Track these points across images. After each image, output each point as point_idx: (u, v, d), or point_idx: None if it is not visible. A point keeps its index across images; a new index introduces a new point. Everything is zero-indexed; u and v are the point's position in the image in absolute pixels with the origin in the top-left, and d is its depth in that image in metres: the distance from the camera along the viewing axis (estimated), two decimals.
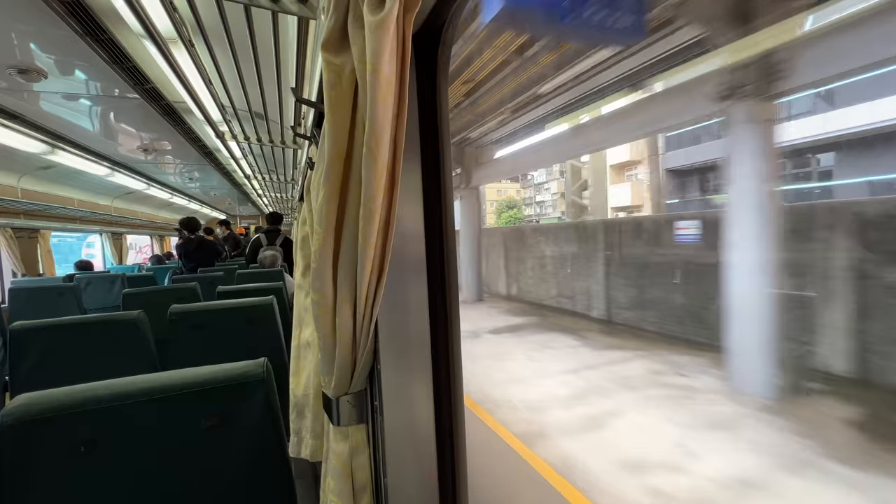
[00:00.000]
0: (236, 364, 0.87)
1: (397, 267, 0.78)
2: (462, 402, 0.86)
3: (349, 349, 0.73)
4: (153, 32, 1.68)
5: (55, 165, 4.30)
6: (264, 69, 1.94)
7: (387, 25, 0.51)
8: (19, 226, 5.21)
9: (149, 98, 2.84)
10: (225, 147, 3.70)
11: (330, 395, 0.81)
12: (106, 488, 0.78)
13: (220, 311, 1.75)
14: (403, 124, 0.61)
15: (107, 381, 0.79)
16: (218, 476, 0.86)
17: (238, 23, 1.52)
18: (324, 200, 0.65)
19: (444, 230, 0.80)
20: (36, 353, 1.42)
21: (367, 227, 0.61)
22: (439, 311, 0.82)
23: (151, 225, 8.88)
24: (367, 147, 0.57)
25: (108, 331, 1.54)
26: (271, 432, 0.89)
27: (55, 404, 0.74)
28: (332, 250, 0.68)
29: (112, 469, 0.78)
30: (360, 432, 0.83)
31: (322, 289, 0.69)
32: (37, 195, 4.91)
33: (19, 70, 2.32)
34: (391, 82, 0.55)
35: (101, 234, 7.73)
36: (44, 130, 3.42)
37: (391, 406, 0.81)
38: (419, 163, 0.79)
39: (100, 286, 4.14)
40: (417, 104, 0.77)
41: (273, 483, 0.91)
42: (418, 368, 0.83)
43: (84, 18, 1.88)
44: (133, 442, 0.79)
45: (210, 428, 0.84)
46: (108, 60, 2.25)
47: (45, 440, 0.73)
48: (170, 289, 2.74)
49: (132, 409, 0.78)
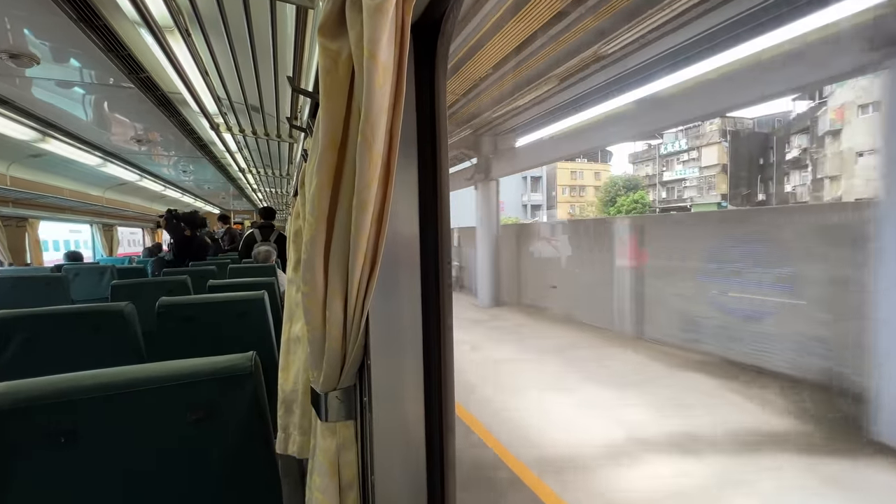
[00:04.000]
0: (223, 357, 0.86)
1: (390, 260, 0.77)
2: (453, 401, 0.85)
3: (339, 343, 0.72)
4: (149, 20, 1.65)
5: (46, 154, 4.22)
6: (261, 60, 1.92)
7: (385, 9, 0.50)
8: (7, 214, 5.13)
9: (143, 88, 2.80)
10: (220, 139, 3.66)
11: (318, 390, 0.80)
12: (86, 481, 0.75)
13: (209, 304, 1.73)
14: (400, 113, 0.59)
15: (89, 371, 0.77)
16: (202, 471, 0.84)
17: (236, 12, 1.50)
18: (316, 189, 0.63)
19: (439, 224, 0.79)
20: (17, 344, 1.39)
21: (359, 217, 0.60)
22: (432, 306, 0.81)
23: (143, 217, 8.77)
24: (363, 135, 0.55)
25: (93, 322, 1.51)
26: (258, 427, 0.87)
27: (34, 394, 0.72)
28: (323, 241, 0.66)
29: (93, 462, 0.76)
30: (347, 429, 0.82)
31: (312, 280, 0.68)
32: (26, 183, 4.83)
33: (11, 55, 2.28)
34: (388, 69, 0.54)
35: (92, 225, 7.63)
36: (35, 117, 3.36)
37: (380, 402, 0.79)
38: (415, 154, 0.78)
39: (89, 277, 4.08)
40: (415, 95, 0.76)
41: (259, 479, 0.89)
42: (409, 365, 0.82)
43: (78, 4, 1.84)
44: (115, 434, 0.77)
45: (195, 421, 0.82)
46: (102, 48, 2.22)
47: (23, 431, 0.71)
48: (160, 281, 2.70)
49: (115, 401, 0.76)
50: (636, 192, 26.06)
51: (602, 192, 28.49)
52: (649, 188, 27.03)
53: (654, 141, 26.08)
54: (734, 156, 22.27)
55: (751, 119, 22.91)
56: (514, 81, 5.72)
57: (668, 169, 25.46)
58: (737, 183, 22.38)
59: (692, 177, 23.95)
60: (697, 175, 23.72)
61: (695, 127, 22.84)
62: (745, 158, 22.22)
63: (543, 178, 32.41)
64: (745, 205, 21.72)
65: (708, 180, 22.94)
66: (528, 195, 31.77)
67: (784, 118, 22.09)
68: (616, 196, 26.52)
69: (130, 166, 5.46)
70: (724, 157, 22.70)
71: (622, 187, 26.97)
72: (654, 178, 26.30)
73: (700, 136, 22.83)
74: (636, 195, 25.61)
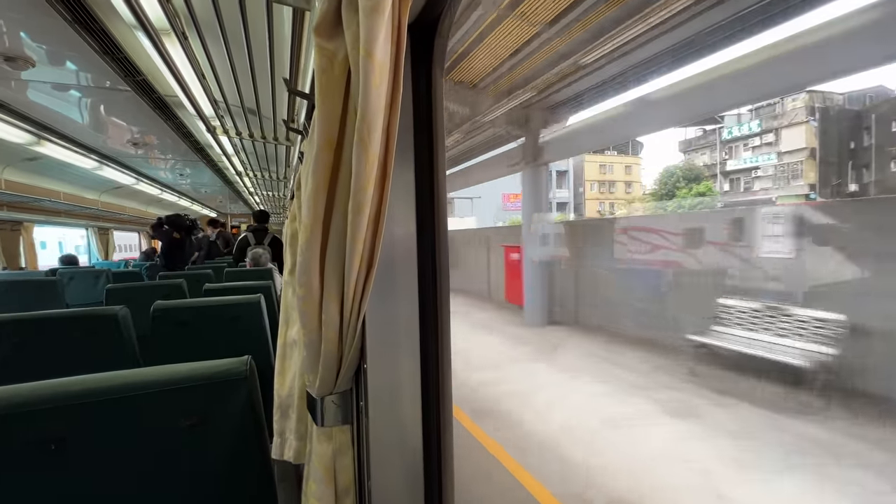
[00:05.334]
0: (218, 361, 0.85)
1: (387, 262, 0.76)
2: (451, 405, 0.84)
3: (335, 347, 0.71)
4: (145, 23, 1.65)
5: (41, 157, 4.21)
6: (258, 63, 1.92)
7: (382, 9, 0.49)
8: (2, 218, 5.09)
9: (140, 91, 2.79)
10: (217, 142, 3.65)
11: (314, 394, 0.79)
12: (76, 489, 0.74)
13: (205, 308, 1.71)
14: (397, 114, 0.59)
15: (80, 376, 0.76)
16: (197, 477, 0.83)
17: (232, 14, 1.50)
18: (312, 191, 0.62)
19: (436, 226, 0.78)
20: (10, 348, 1.37)
21: (356, 219, 0.59)
22: (429, 308, 0.80)
23: (139, 221, 8.74)
24: (359, 135, 0.55)
25: (88, 326, 1.49)
26: (253, 432, 0.86)
27: (22, 399, 0.70)
28: (319, 243, 0.65)
29: (84, 469, 0.74)
30: (344, 433, 0.81)
31: (308, 283, 0.67)
32: (21, 187, 4.80)
33: (6, 58, 2.27)
34: (385, 69, 0.54)
35: (88, 229, 7.59)
36: (30, 120, 3.35)
37: (377, 407, 0.78)
38: (412, 156, 0.77)
39: (84, 281, 4.05)
40: (412, 95, 0.76)
41: (254, 485, 0.88)
42: (406, 368, 0.81)
43: (74, 7, 1.84)
44: (107, 441, 0.76)
45: (189, 427, 0.80)
46: (98, 51, 2.21)
47: (11, 437, 0.69)
48: (155, 285, 2.68)
49: (106, 407, 0.75)
50: (699, 183, 21.93)
51: (656, 184, 24.20)
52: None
53: (709, 126, 21.33)
54: (824, 138, 18.17)
55: (840, 94, 18.80)
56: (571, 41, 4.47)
57: (732, 156, 20.62)
58: (827, 170, 18.29)
59: (767, 164, 18.97)
60: (774, 162, 18.77)
61: (770, 105, 18.32)
62: (837, 141, 18.08)
63: (570, 173, 28.97)
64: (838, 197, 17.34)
65: (791, 168, 18.15)
66: (553, 191, 27.71)
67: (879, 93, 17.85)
68: (674, 188, 22.58)
69: (127, 170, 5.44)
70: (813, 139, 18.37)
71: (681, 178, 22.71)
72: (713, 167, 21.62)
73: (778, 116, 18.02)
74: (701, 187, 21.46)
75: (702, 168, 22.70)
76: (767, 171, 19.54)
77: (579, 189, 29.67)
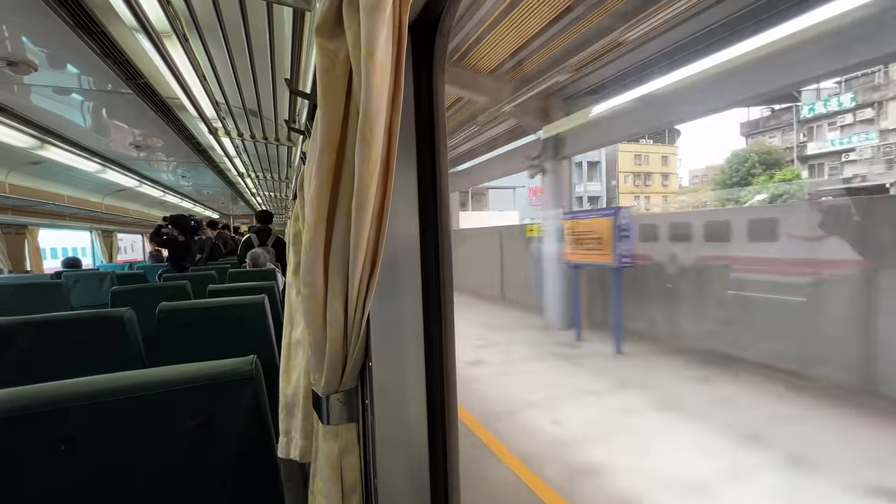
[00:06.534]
0: (224, 361, 0.85)
1: (390, 260, 0.76)
2: (455, 402, 0.84)
3: (340, 345, 0.71)
4: (147, 26, 1.65)
5: (45, 161, 4.22)
6: (259, 63, 1.92)
7: (383, 8, 0.49)
8: (6, 222, 5.12)
9: (142, 93, 2.80)
10: (219, 144, 3.66)
11: (319, 392, 0.79)
12: (87, 488, 0.75)
13: (209, 309, 1.72)
14: (399, 113, 0.59)
15: (88, 377, 0.77)
16: (204, 477, 0.84)
17: (233, 16, 1.50)
18: (315, 191, 0.63)
19: (439, 223, 0.78)
20: (16, 351, 1.38)
21: (359, 218, 0.59)
22: (433, 306, 0.80)
23: (143, 223, 8.77)
24: (361, 135, 0.55)
25: (93, 328, 1.50)
26: (259, 432, 0.87)
27: (33, 401, 0.71)
28: (323, 242, 0.66)
29: (93, 468, 0.75)
30: (349, 432, 0.81)
31: (312, 282, 0.67)
32: (25, 191, 4.83)
33: (8, 62, 2.28)
34: (386, 68, 0.54)
35: (91, 232, 7.63)
36: (33, 124, 3.36)
37: (382, 405, 0.78)
38: (414, 154, 0.77)
39: (89, 284, 4.08)
40: (413, 94, 0.76)
41: (260, 484, 0.89)
42: (411, 366, 0.81)
43: (76, 10, 1.84)
44: (115, 440, 0.76)
45: (196, 427, 0.81)
46: (100, 54, 2.22)
47: (23, 438, 0.70)
48: (160, 287, 2.69)
49: (115, 407, 0.76)
50: (780, 169, 18.00)
51: (723, 172, 20.70)
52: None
53: (778, 105, 18.11)
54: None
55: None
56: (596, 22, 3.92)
57: (813, 139, 17.03)
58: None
59: (865, 146, 15.12)
60: (875, 143, 14.94)
61: (867, 75, 14.74)
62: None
63: (602, 164, 26.63)
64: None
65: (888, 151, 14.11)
66: (584, 184, 26.67)
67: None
68: (748, 175, 18.85)
69: (129, 172, 5.46)
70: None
71: (757, 163, 18.64)
72: (790, 151, 18.20)
73: (881, 87, 14.13)
74: (784, 173, 17.57)
75: (782, 151, 19.02)
76: (864, 154, 15.90)
77: (612, 182, 27.51)
